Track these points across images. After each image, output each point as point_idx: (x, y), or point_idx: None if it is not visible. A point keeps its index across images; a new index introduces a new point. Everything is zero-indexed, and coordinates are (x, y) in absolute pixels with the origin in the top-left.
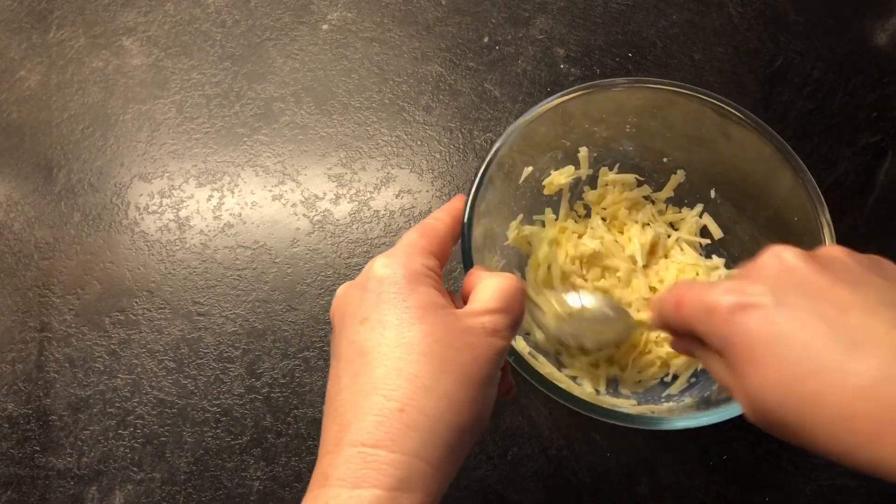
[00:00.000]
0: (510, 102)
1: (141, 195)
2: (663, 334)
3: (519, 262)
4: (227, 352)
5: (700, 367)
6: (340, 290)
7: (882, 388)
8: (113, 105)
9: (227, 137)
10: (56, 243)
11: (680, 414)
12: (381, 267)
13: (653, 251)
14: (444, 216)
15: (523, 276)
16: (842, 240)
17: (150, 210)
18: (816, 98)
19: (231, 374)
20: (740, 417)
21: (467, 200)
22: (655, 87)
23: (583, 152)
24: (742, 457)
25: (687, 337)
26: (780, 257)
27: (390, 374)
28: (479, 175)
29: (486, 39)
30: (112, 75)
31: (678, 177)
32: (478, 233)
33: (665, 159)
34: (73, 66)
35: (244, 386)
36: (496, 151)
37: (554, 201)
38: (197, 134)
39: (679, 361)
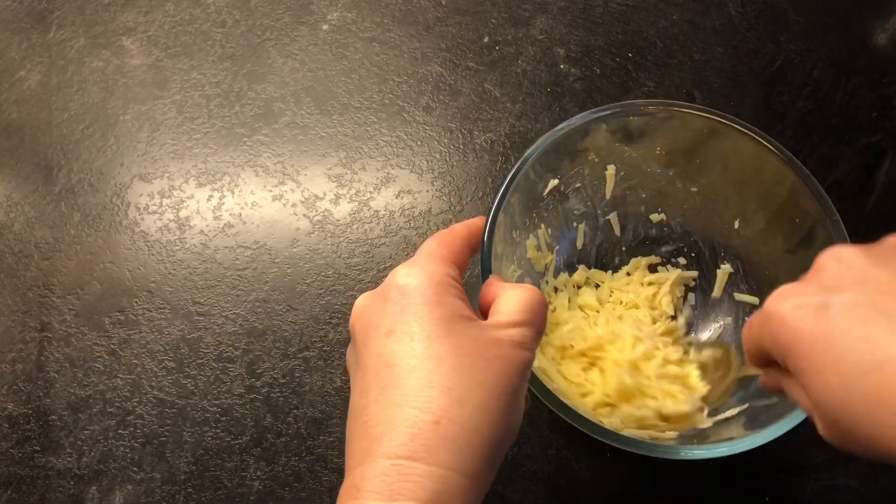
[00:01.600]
0: (510, 103)
1: (141, 195)
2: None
3: (533, 275)
4: (227, 352)
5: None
6: (361, 301)
7: None
8: (113, 105)
9: (227, 137)
10: (56, 243)
11: (687, 443)
12: (405, 276)
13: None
14: (461, 228)
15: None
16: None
17: (150, 210)
18: (816, 98)
19: (231, 374)
20: None
21: (491, 206)
22: (695, 115)
23: (610, 171)
24: (742, 457)
25: (771, 367)
26: (837, 256)
27: (423, 387)
28: (505, 184)
29: (486, 39)
30: (112, 75)
31: (724, 271)
32: (497, 240)
33: (693, 188)
34: (73, 66)
35: (244, 386)
36: (524, 161)
37: (577, 216)
38: (197, 134)
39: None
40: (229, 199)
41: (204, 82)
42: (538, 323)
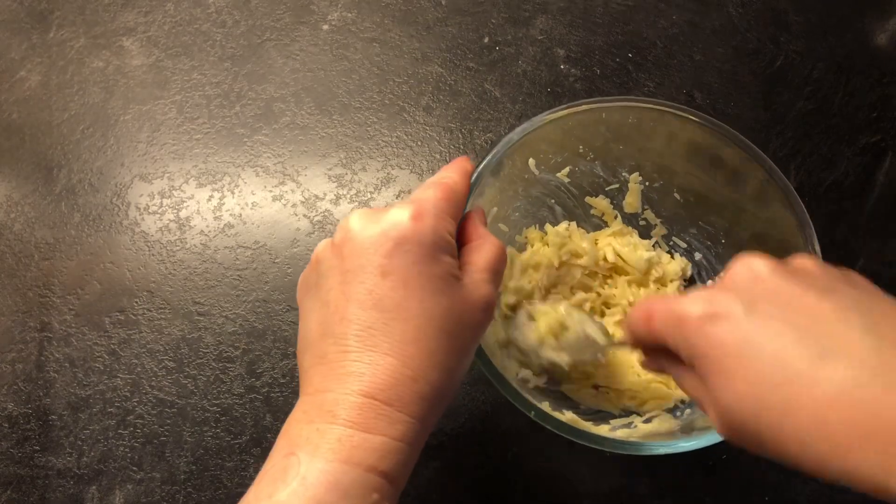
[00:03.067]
0: (510, 103)
1: (141, 195)
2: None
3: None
4: (227, 352)
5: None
6: (357, 219)
7: (852, 395)
8: (113, 105)
9: (227, 138)
10: (56, 243)
11: (660, 440)
12: (410, 221)
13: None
14: (456, 177)
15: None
16: (841, 240)
17: (150, 210)
18: (816, 98)
19: (231, 373)
20: None
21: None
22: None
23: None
24: (742, 457)
25: (659, 353)
26: (750, 267)
27: (407, 342)
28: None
29: (486, 40)
30: (112, 76)
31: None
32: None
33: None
34: (73, 67)
35: (244, 386)
36: (503, 147)
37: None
38: (197, 134)
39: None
40: (229, 200)
41: (204, 82)
42: (499, 280)
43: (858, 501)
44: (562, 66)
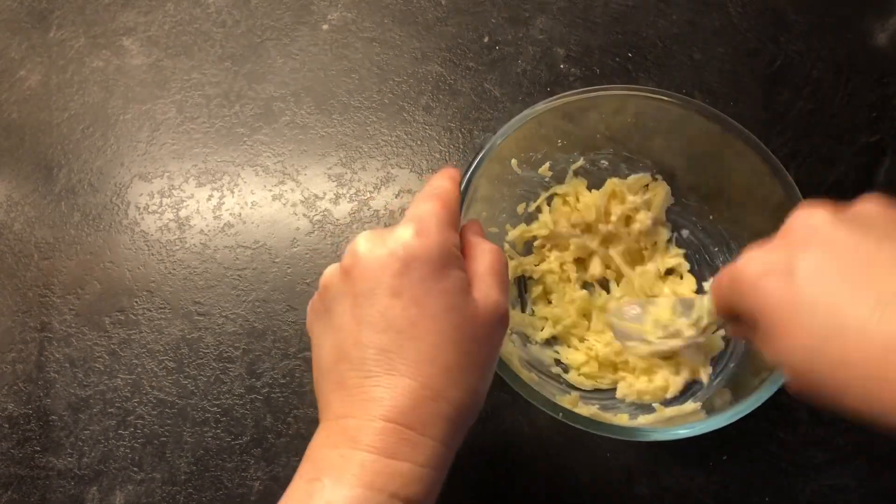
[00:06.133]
0: (510, 102)
1: (141, 195)
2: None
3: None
4: (227, 352)
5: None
6: (365, 244)
7: None
8: (113, 105)
9: (227, 137)
10: (56, 243)
11: (670, 426)
12: (415, 238)
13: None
14: (448, 185)
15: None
16: None
17: (150, 210)
18: (816, 98)
19: (231, 374)
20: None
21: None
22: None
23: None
24: (742, 457)
25: (738, 320)
26: (807, 218)
27: (424, 362)
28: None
29: (486, 39)
30: (112, 75)
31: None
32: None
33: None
34: (73, 66)
35: (244, 386)
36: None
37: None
38: (197, 134)
39: (678, 380)
40: (229, 199)
41: (204, 82)
42: (506, 285)
43: (859, 501)
44: (562, 66)
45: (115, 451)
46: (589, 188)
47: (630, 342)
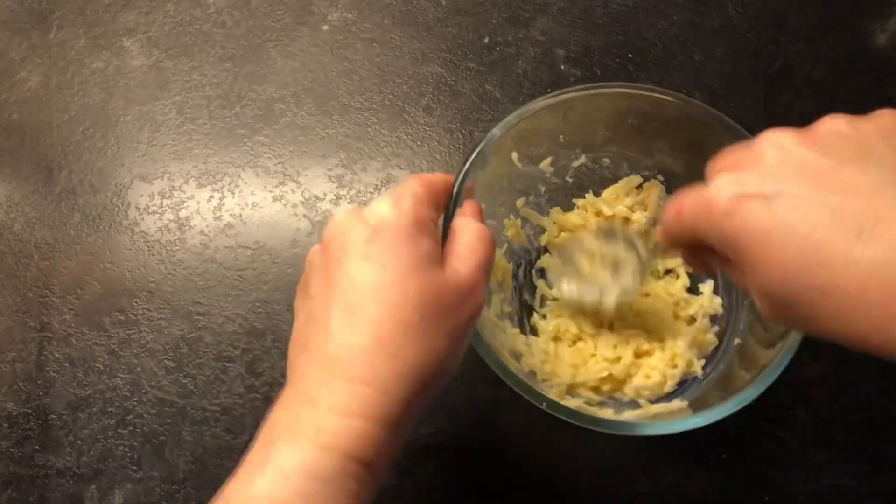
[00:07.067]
0: (511, 103)
1: (141, 196)
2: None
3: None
4: (226, 351)
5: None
6: (342, 217)
7: (892, 272)
8: (113, 106)
9: (227, 138)
10: (56, 244)
11: (664, 419)
12: (390, 209)
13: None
14: (442, 179)
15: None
16: None
17: (150, 210)
18: (816, 99)
19: (231, 373)
20: (736, 416)
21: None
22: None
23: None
24: (742, 457)
25: (698, 249)
26: (775, 142)
27: (384, 320)
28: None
29: (486, 40)
30: (113, 76)
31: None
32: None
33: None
34: (73, 67)
35: (244, 385)
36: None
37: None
38: (197, 135)
39: (676, 372)
40: (229, 200)
41: (204, 83)
42: (485, 262)
43: (859, 501)
44: (562, 67)
45: (114, 450)
46: (590, 188)
47: (593, 298)
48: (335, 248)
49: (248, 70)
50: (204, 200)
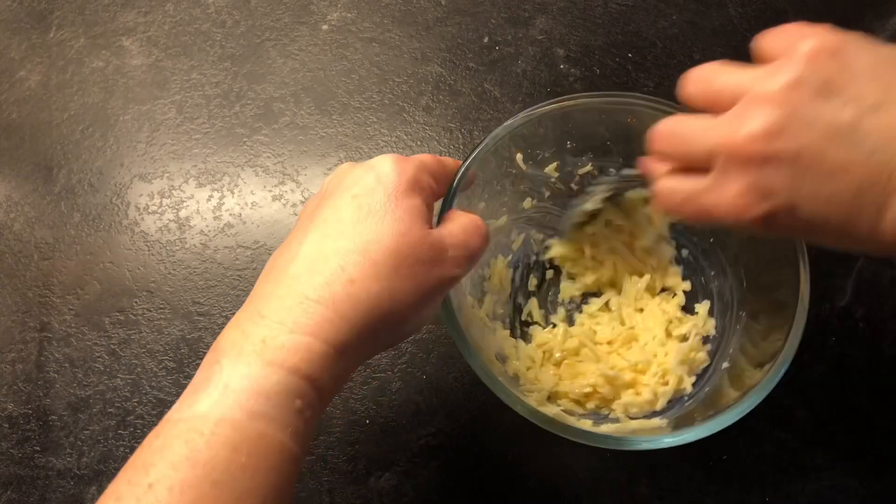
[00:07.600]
0: (510, 103)
1: (141, 195)
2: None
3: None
4: None
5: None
6: (345, 165)
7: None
8: (113, 105)
9: (227, 138)
10: (56, 243)
11: (647, 434)
12: (392, 163)
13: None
14: (452, 164)
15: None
16: None
17: (149, 210)
18: None
19: None
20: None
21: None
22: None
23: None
24: (742, 457)
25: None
26: (809, 35)
27: (355, 251)
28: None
29: (486, 40)
30: (112, 76)
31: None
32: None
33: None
34: (73, 67)
35: None
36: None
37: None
38: (197, 134)
39: (667, 390)
40: (229, 200)
41: (204, 82)
42: (472, 246)
43: (859, 501)
44: (561, 66)
45: (114, 451)
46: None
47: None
48: (332, 187)
49: (248, 69)
50: (203, 200)
